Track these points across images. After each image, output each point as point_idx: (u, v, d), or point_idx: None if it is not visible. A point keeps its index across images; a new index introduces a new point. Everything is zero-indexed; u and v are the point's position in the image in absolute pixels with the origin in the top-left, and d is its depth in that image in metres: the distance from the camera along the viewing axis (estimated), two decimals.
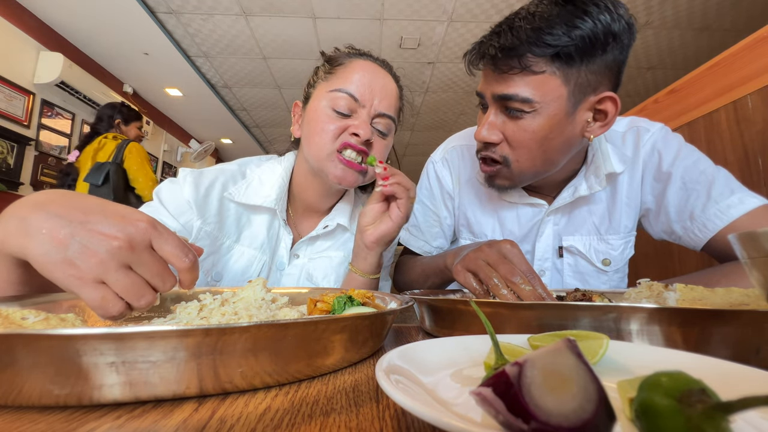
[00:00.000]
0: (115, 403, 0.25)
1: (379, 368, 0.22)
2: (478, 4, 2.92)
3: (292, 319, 0.28)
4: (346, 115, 0.69)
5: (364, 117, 0.69)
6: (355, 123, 0.68)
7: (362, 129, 0.67)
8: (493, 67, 0.64)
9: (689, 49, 3.45)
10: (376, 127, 0.71)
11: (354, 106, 0.69)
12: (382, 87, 0.71)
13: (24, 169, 2.94)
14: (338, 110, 0.68)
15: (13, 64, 2.84)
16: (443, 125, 5.06)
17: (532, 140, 0.65)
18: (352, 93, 0.69)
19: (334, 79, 0.71)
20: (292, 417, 0.23)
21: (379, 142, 0.72)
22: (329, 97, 0.69)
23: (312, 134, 0.70)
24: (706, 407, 0.14)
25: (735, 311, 0.32)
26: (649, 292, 0.50)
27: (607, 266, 0.79)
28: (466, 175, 0.87)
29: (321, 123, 0.69)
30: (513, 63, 0.61)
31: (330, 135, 0.68)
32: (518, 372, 0.16)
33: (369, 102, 0.70)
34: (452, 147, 0.89)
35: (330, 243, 0.82)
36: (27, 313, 0.33)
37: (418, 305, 0.54)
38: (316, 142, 0.69)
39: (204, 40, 3.36)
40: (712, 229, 0.68)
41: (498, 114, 0.67)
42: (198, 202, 0.69)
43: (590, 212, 0.79)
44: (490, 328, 0.27)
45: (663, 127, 0.77)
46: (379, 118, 0.71)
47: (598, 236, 0.79)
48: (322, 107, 0.70)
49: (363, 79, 0.70)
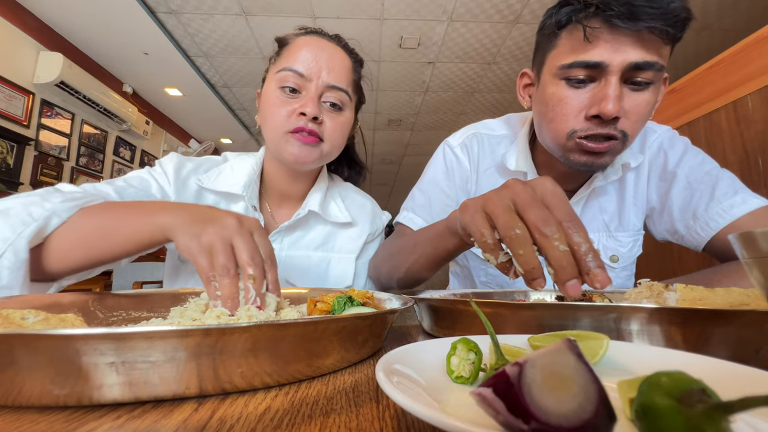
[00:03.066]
0: (115, 403, 0.25)
1: (379, 368, 0.22)
2: (478, 4, 2.92)
3: (292, 319, 0.28)
4: (295, 91, 0.68)
5: (312, 93, 0.68)
6: (302, 101, 0.68)
7: (308, 106, 0.66)
8: (649, 30, 0.56)
9: (689, 49, 3.45)
10: (327, 101, 0.70)
11: (301, 82, 0.68)
12: (328, 59, 0.69)
13: (24, 169, 2.94)
14: (286, 86, 0.68)
15: (13, 64, 2.84)
16: (443, 125, 5.06)
17: (647, 114, 0.62)
18: (296, 69, 0.67)
19: (280, 60, 0.71)
20: (292, 417, 0.23)
21: (332, 118, 0.70)
22: (277, 78, 0.69)
23: (265, 119, 0.71)
24: (706, 407, 0.14)
25: (735, 311, 0.32)
26: (649, 292, 0.50)
27: (614, 263, 0.79)
28: (484, 165, 0.85)
29: (271, 106, 0.69)
30: (674, 27, 0.56)
31: (281, 117, 0.68)
32: (518, 372, 0.16)
33: (316, 75, 0.68)
34: (472, 134, 0.86)
35: (307, 235, 0.80)
36: (27, 313, 0.33)
37: (418, 305, 0.54)
38: (269, 126, 0.70)
39: (204, 40, 3.35)
40: (714, 227, 0.68)
41: (619, 86, 0.61)
42: (177, 186, 0.72)
43: (601, 210, 0.79)
44: (490, 328, 0.27)
45: (669, 129, 0.78)
46: (329, 92, 0.69)
47: (607, 233, 0.79)
48: (271, 90, 0.70)
49: (308, 53, 0.69)
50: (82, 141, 3.53)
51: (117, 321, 0.47)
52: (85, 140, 3.55)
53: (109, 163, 3.85)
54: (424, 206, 0.85)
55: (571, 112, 0.63)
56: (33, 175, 3.01)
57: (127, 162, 4.13)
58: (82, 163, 3.50)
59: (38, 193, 0.51)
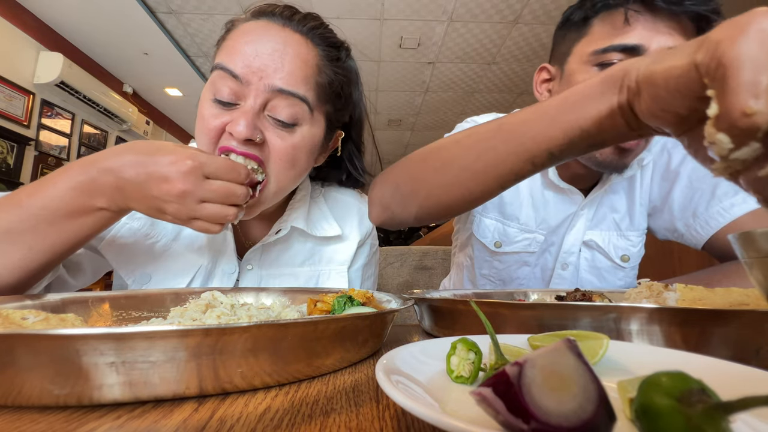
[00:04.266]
0: (115, 403, 0.25)
1: (379, 368, 0.22)
2: (478, 4, 2.92)
3: (292, 319, 0.28)
4: (230, 104, 0.51)
5: (249, 104, 0.50)
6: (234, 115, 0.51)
7: (239, 125, 0.48)
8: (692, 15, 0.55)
9: None
10: (271, 115, 0.51)
11: (238, 88, 0.50)
12: (273, 52, 0.50)
13: (24, 169, 2.94)
14: (219, 98, 0.51)
15: (13, 64, 2.84)
16: (443, 125, 5.06)
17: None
18: (230, 69, 0.50)
19: (220, 51, 0.54)
20: (292, 417, 0.23)
21: (278, 138, 0.52)
22: (211, 79, 0.53)
23: (196, 134, 0.55)
24: (706, 407, 0.14)
25: (735, 311, 0.32)
26: (649, 292, 0.50)
27: (626, 262, 0.79)
28: None
29: (201, 120, 0.53)
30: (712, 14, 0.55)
31: (207, 139, 0.52)
32: (518, 372, 0.16)
33: (255, 77, 0.50)
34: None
35: (289, 253, 0.67)
36: (27, 313, 0.33)
37: (418, 305, 0.54)
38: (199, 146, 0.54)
39: (204, 40, 3.35)
40: (714, 226, 0.68)
41: None
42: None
43: (612, 209, 0.79)
44: (490, 328, 0.27)
45: None
46: (277, 100, 0.51)
47: (618, 232, 0.79)
48: (204, 94, 0.53)
49: (249, 46, 0.50)
50: (83, 141, 3.53)
51: (117, 321, 0.47)
52: (85, 140, 3.56)
53: None
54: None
55: None
56: (33, 175, 3.01)
57: None
58: None
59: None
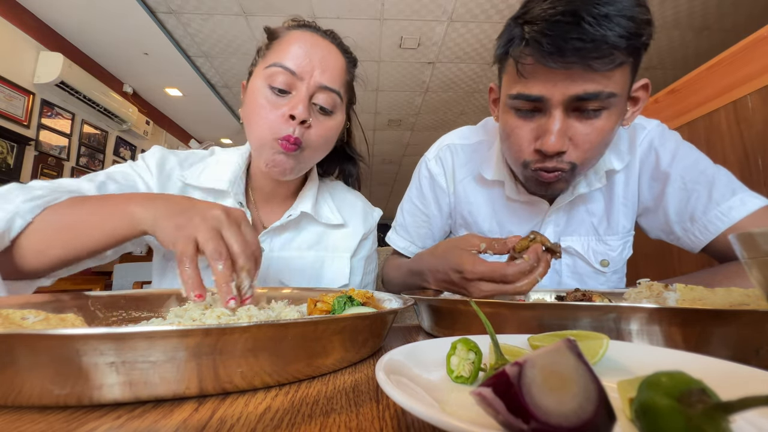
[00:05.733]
0: (115, 403, 0.25)
1: (379, 368, 0.22)
2: (478, 4, 2.92)
3: (292, 319, 0.28)
4: (284, 92, 0.64)
5: (302, 93, 0.63)
6: (292, 102, 0.63)
7: (298, 108, 0.62)
8: (581, 65, 0.53)
9: (689, 49, 3.45)
10: (317, 103, 0.65)
11: (291, 80, 0.63)
12: (322, 58, 0.65)
13: (24, 169, 2.94)
14: (275, 86, 0.63)
15: (13, 64, 2.84)
16: (443, 125, 5.06)
17: (602, 140, 0.60)
18: (287, 66, 0.63)
19: (270, 53, 0.66)
20: (292, 417, 0.23)
21: (320, 122, 0.66)
22: (265, 74, 0.64)
23: (251, 119, 0.66)
24: (706, 407, 0.14)
25: (735, 311, 0.32)
26: (649, 292, 0.50)
27: (605, 267, 0.78)
28: (461, 174, 0.85)
29: (259, 107, 0.64)
30: (607, 59, 0.52)
31: (268, 121, 0.63)
32: (518, 372, 0.16)
33: (308, 74, 0.64)
34: (446, 145, 0.86)
35: (299, 236, 0.77)
36: (27, 313, 0.33)
37: (418, 305, 0.54)
38: (255, 129, 0.65)
39: (204, 40, 3.35)
40: (713, 231, 0.67)
41: (566, 118, 0.58)
42: (161, 182, 0.68)
43: (588, 212, 0.77)
44: (490, 328, 0.27)
45: (659, 124, 0.76)
46: (320, 93, 0.65)
47: (597, 237, 0.78)
48: (258, 87, 0.65)
49: (300, 50, 0.64)
50: (83, 141, 3.53)
51: (117, 321, 0.47)
52: (85, 140, 3.56)
53: (109, 163, 3.85)
54: (403, 226, 0.89)
55: (522, 144, 0.63)
56: (33, 175, 3.01)
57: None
58: (82, 163, 3.50)
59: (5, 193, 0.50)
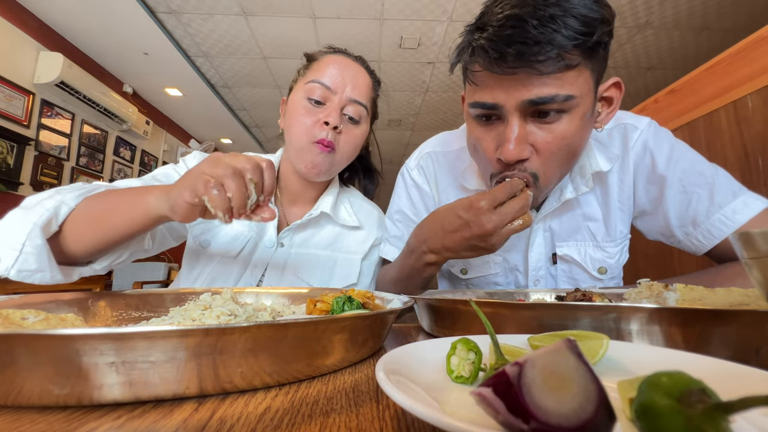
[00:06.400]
0: (115, 403, 0.25)
1: (379, 368, 0.22)
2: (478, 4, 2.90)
3: (292, 319, 0.28)
4: (320, 103, 0.77)
5: (335, 104, 0.76)
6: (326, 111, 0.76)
7: (332, 116, 0.75)
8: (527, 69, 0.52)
9: (689, 49, 3.45)
10: (347, 114, 0.78)
11: (327, 94, 0.76)
12: (353, 76, 0.79)
13: (24, 169, 2.93)
14: (312, 98, 0.76)
15: (13, 64, 2.84)
16: (443, 125, 5.06)
17: (566, 146, 0.57)
18: (324, 82, 0.76)
19: (309, 72, 0.80)
20: (292, 417, 0.23)
21: (349, 130, 0.79)
22: (305, 88, 0.77)
23: (291, 125, 0.78)
24: (706, 407, 0.14)
25: (735, 311, 0.32)
26: (649, 292, 0.50)
27: (603, 274, 0.75)
28: (444, 182, 0.83)
29: (298, 114, 0.77)
30: (554, 61, 0.50)
31: (306, 126, 0.76)
32: (518, 372, 0.16)
33: (341, 89, 0.77)
34: (426, 154, 0.85)
35: (316, 234, 0.85)
36: (27, 313, 0.33)
37: (418, 305, 0.54)
38: (294, 132, 0.77)
39: (204, 40, 3.35)
40: (717, 236, 0.65)
41: (524, 124, 0.56)
42: None
43: (585, 217, 0.74)
44: (490, 328, 0.27)
45: (651, 122, 0.73)
46: (350, 105, 0.78)
47: (594, 243, 0.75)
48: (298, 99, 0.78)
49: (335, 69, 0.78)
50: (83, 141, 3.52)
51: (117, 321, 0.47)
52: (85, 140, 3.55)
53: (109, 163, 3.84)
54: (398, 237, 0.85)
55: (486, 155, 0.61)
56: (33, 175, 3.01)
57: (127, 162, 4.13)
58: (82, 163, 3.50)
59: (58, 188, 0.60)
